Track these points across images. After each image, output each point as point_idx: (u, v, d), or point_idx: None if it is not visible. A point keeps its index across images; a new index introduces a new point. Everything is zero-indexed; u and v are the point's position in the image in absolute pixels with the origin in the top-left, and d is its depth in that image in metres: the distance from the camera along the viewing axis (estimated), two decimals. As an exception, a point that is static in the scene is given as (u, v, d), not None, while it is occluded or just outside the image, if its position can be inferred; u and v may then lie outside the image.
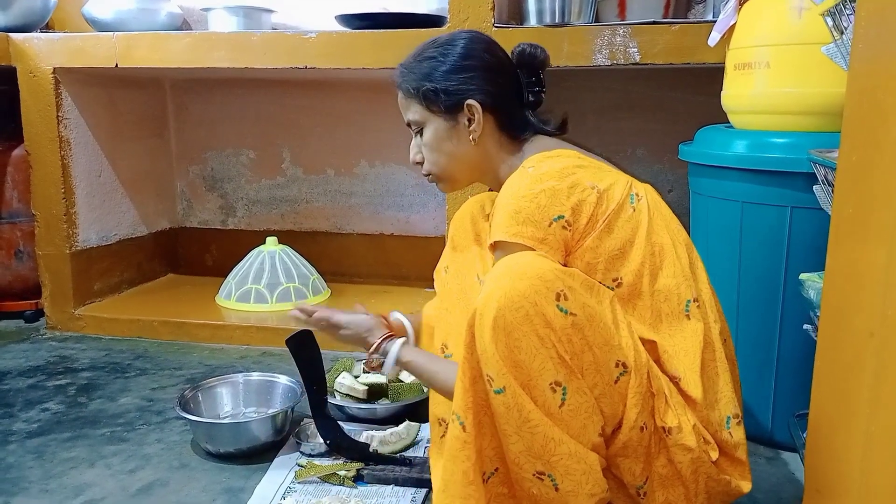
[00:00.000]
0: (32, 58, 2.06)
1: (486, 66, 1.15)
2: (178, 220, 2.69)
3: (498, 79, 1.16)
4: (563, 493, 0.94)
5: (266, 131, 2.54)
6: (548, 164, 1.07)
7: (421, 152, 1.20)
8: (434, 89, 1.14)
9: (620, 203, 1.04)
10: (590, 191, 1.03)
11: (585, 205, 1.02)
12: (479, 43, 1.16)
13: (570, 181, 1.03)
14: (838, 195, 0.89)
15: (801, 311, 1.26)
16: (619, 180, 1.07)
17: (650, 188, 1.11)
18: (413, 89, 1.16)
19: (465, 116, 1.14)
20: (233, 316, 2.14)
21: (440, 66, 1.14)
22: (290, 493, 1.25)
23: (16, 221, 2.22)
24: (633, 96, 2.18)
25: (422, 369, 1.17)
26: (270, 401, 1.53)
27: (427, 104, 1.16)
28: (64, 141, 2.11)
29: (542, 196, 1.02)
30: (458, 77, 1.13)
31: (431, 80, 1.14)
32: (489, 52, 1.16)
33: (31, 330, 2.20)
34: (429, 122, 1.17)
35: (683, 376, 1.01)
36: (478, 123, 1.14)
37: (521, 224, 1.01)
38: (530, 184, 1.03)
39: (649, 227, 1.04)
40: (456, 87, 1.13)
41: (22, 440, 1.47)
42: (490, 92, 1.14)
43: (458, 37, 1.17)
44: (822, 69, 1.26)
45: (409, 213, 2.47)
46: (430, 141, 1.18)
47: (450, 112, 1.15)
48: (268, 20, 2.21)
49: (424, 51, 1.18)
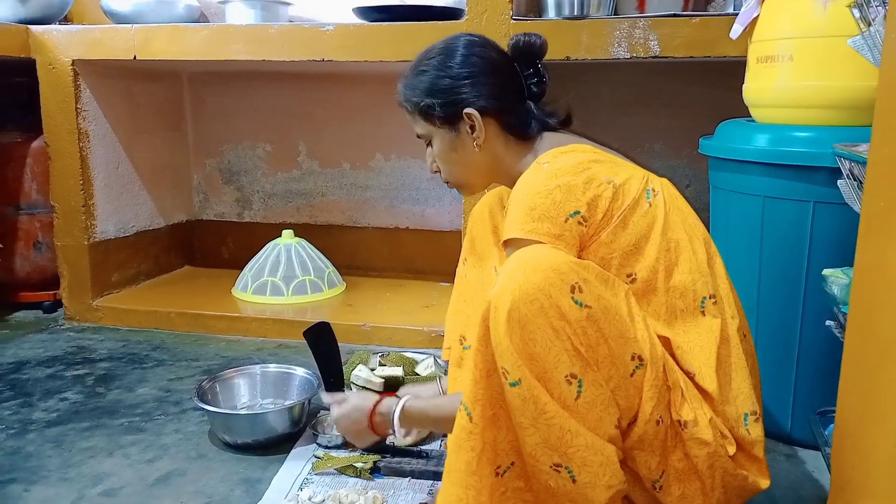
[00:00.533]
0: (52, 50, 2.07)
1: (482, 70, 1.14)
2: (194, 212, 2.70)
3: (494, 80, 1.15)
4: (581, 484, 0.94)
5: (282, 124, 2.54)
6: (563, 160, 1.06)
7: (436, 162, 1.21)
8: (431, 104, 1.14)
9: (636, 198, 1.03)
10: (605, 185, 1.02)
11: (601, 200, 1.01)
12: (473, 47, 1.15)
13: (586, 176, 1.02)
14: (868, 189, 0.87)
15: (823, 308, 1.25)
16: (635, 175, 1.06)
17: (667, 182, 1.09)
18: (412, 106, 1.17)
19: (466, 125, 1.14)
20: (249, 308, 2.15)
21: (435, 80, 1.14)
22: (307, 485, 1.25)
23: (34, 212, 2.24)
24: (650, 91, 2.17)
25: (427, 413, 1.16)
26: (287, 392, 1.54)
27: (428, 119, 1.16)
28: (82, 133, 2.13)
29: (558, 192, 1.01)
30: (454, 87, 1.13)
31: (428, 96, 1.14)
32: (482, 55, 1.15)
33: (50, 320, 2.22)
34: (434, 135, 1.18)
35: (698, 372, 1.00)
36: (479, 130, 1.14)
37: (536, 221, 1.00)
38: (545, 179, 1.03)
39: (665, 223, 1.03)
40: (452, 99, 1.13)
41: (41, 429, 1.48)
42: (488, 95, 1.13)
43: (452, 44, 1.16)
44: (847, 62, 1.24)
45: (424, 206, 2.47)
46: (439, 152, 1.19)
47: (450, 123, 1.15)
48: (285, 13, 2.21)
49: (419, 65, 1.18)
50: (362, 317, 2.04)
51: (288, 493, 1.22)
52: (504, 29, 1.76)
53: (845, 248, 1.20)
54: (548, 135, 1.17)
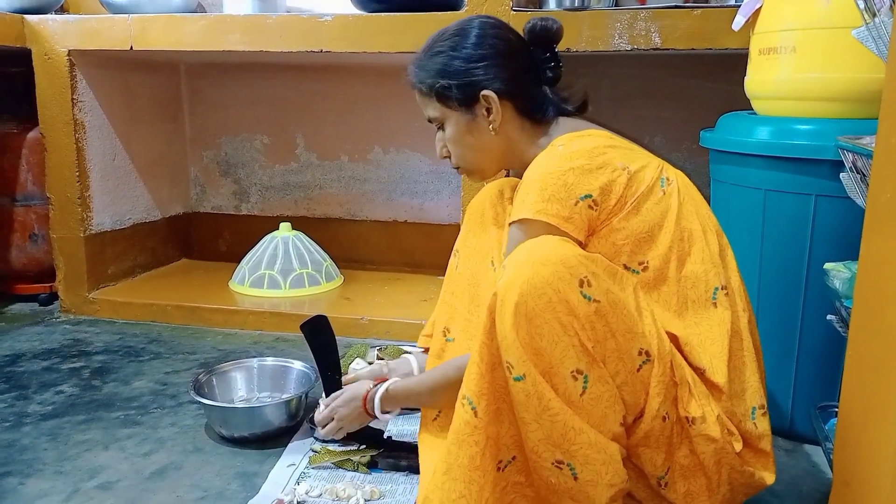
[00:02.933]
0: (47, 40, 2.05)
1: (498, 52, 1.12)
2: (191, 204, 2.69)
3: (511, 63, 1.13)
4: (582, 482, 0.93)
5: (280, 116, 2.53)
6: (578, 143, 1.05)
7: (446, 147, 1.19)
8: (447, 85, 1.12)
9: (650, 185, 1.02)
10: (620, 171, 1.01)
11: (616, 185, 1.01)
12: (488, 29, 1.14)
13: (601, 161, 1.02)
14: (874, 181, 0.86)
15: (824, 302, 1.24)
16: (650, 163, 1.06)
17: (681, 173, 1.09)
18: (427, 88, 1.15)
19: (483, 107, 1.13)
20: (246, 301, 2.14)
21: (451, 61, 1.12)
22: (304, 479, 1.24)
23: (30, 204, 2.22)
24: (650, 84, 2.15)
25: (413, 389, 1.20)
26: (284, 386, 1.53)
27: (443, 101, 1.14)
28: (79, 124, 2.11)
29: (570, 174, 1.00)
30: (470, 69, 1.11)
31: (443, 77, 1.12)
32: (499, 37, 1.14)
33: (46, 313, 2.20)
34: (448, 118, 1.16)
35: (709, 366, 0.99)
36: (496, 113, 1.12)
37: (546, 201, 0.99)
38: (559, 161, 1.02)
39: (679, 212, 1.02)
40: (469, 80, 1.11)
41: (37, 422, 1.47)
42: (504, 78, 1.12)
43: (467, 26, 1.14)
44: (851, 54, 1.23)
45: (422, 200, 2.46)
46: (453, 136, 1.16)
47: (466, 105, 1.13)
48: (283, 3, 2.19)
49: (433, 46, 1.16)
50: (360, 310, 2.03)
51: (285, 487, 1.22)
52: (504, 20, 1.74)
53: (847, 242, 1.19)
54: (563, 120, 1.16)
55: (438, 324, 1.24)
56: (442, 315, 1.25)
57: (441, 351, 1.22)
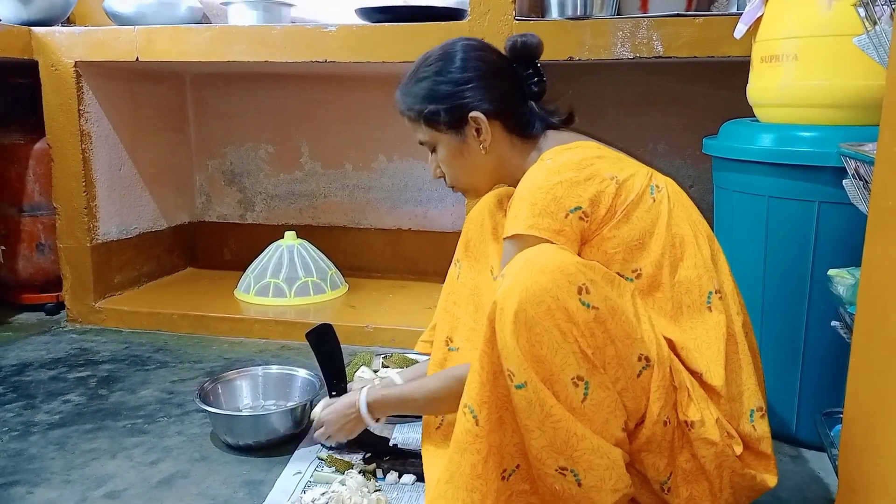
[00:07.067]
0: (54, 51, 2.07)
1: (483, 73, 1.14)
2: (197, 214, 2.70)
3: (497, 83, 1.15)
4: (586, 488, 0.93)
5: (285, 126, 2.54)
6: (566, 156, 1.06)
7: (440, 167, 1.21)
8: (435, 110, 1.14)
9: (640, 193, 1.03)
10: (608, 181, 1.02)
11: (604, 196, 1.02)
12: (471, 51, 1.15)
13: (588, 172, 1.03)
14: (877, 187, 0.87)
15: (828, 308, 1.24)
16: (639, 171, 1.06)
17: (671, 180, 1.10)
18: (415, 114, 1.16)
19: (472, 128, 1.14)
20: (251, 310, 2.15)
21: (437, 86, 1.14)
22: (311, 487, 1.24)
23: (37, 214, 2.24)
24: (653, 91, 2.16)
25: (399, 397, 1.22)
26: (290, 394, 1.53)
27: (432, 125, 1.16)
28: (85, 134, 2.12)
29: (559, 187, 1.01)
30: (457, 92, 1.13)
31: (431, 102, 1.14)
32: (482, 59, 1.15)
33: (52, 322, 2.21)
34: (438, 141, 1.17)
35: (706, 369, 1.00)
36: (486, 133, 1.14)
37: (536, 216, 1.00)
38: (547, 175, 1.03)
39: (669, 218, 1.03)
40: (456, 104, 1.13)
41: (44, 431, 1.48)
42: (491, 98, 1.13)
43: (451, 49, 1.16)
44: (852, 61, 1.23)
45: (426, 208, 2.47)
46: (444, 158, 1.18)
47: (456, 128, 1.15)
48: (287, 14, 2.21)
49: (418, 71, 1.17)
50: (365, 318, 2.04)
51: (291, 495, 1.22)
52: (507, 29, 1.75)
53: (851, 249, 1.19)
54: (551, 133, 1.17)
55: (440, 332, 1.25)
56: (444, 324, 1.25)
57: (444, 360, 1.23)
